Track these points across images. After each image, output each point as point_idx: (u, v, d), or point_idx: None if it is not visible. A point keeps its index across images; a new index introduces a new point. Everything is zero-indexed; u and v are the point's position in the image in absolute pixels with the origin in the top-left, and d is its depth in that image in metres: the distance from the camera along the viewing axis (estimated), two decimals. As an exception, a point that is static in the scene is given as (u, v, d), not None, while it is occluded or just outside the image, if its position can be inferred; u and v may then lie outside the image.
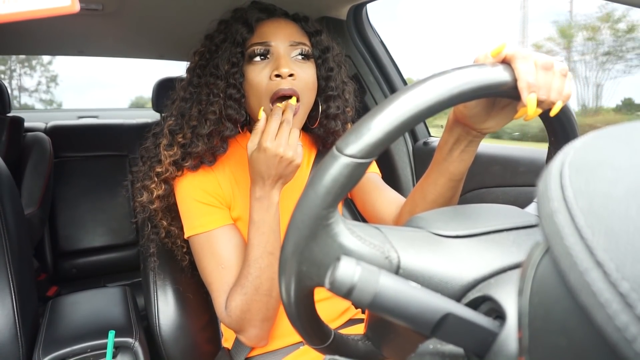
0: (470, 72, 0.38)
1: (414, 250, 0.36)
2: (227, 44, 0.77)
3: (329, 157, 0.35)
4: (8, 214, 0.88)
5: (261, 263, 0.71)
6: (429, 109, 0.36)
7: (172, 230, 0.83)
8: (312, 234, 0.35)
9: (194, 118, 0.77)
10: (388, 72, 1.36)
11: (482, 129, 0.54)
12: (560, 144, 0.49)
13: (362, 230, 0.36)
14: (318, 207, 0.34)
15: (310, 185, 0.35)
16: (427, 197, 0.63)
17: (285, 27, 0.79)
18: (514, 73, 0.42)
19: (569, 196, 0.22)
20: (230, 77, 0.76)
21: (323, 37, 0.84)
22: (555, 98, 0.45)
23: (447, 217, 0.40)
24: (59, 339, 0.83)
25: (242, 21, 0.79)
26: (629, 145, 0.25)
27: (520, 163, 1.00)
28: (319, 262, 0.35)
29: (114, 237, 2.04)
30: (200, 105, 0.77)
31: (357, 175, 0.35)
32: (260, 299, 0.72)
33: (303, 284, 0.37)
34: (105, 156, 2.13)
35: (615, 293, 0.18)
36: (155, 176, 0.78)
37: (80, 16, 1.32)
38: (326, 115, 0.85)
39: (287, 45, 0.77)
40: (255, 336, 0.76)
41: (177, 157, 0.77)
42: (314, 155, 0.93)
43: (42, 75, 10.46)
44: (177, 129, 0.78)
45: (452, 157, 0.58)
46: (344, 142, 0.35)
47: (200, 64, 0.80)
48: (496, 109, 0.52)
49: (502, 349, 0.28)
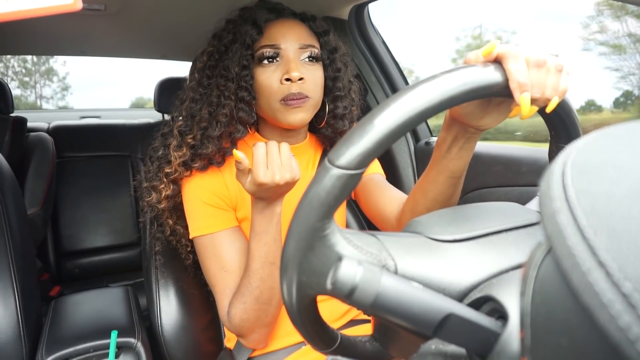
0: (460, 75, 0.38)
1: (411, 257, 0.36)
2: (237, 45, 0.77)
3: (321, 169, 0.35)
4: (11, 214, 0.88)
5: (261, 273, 0.71)
6: (419, 116, 0.36)
7: (178, 229, 0.84)
8: (309, 246, 0.35)
9: (204, 119, 0.76)
10: (390, 72, 1.36)
11: (479, 126, 0.53)
12: (560, 138, 0.49)
13: (359, 239, 0.36)
14: (313, 219, 0.34)
15: (305, 197, 0.35)
16: (428, 195, 0.63)
17: (295, 28, 0.79)
18: (505, 73, 0.42)
19: (571, 196, 0.22)
20: (241, 79, 0.76)
21: (331, 37, 0.84)
22: (550, 94, 0.44)
23: (444, 221, 0.40)
24: (62, 339, 0.83)
25: (251, 22, 0.78)
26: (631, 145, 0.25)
27: (522, 163, 1.00)
28: (318, 272, 0.35)
29: (116, 237, 2.04)
30: (210, 106, 0.77)
31: (350, 186, 0.35)
32: (260, 308, 0.73)
33: (304, 293, 0.37)
34: (107, 156, 2.13)
35: (618, 293, 0.18)
36: (164, 177, 0.78)
37: (83, 16, 1.33)
38: (334, 115, 0.85)
39: (296, 48, 0.77)
40: (254, 340, 0.78)
41: (187, 158, 0.77)
42: (320, 154, 0.93)
43: (59, 86, 13.20)
44: (187, 130, 0.77)
45: (450, 155, 0.57)
46: (335, 154, 0.35)
47: (209, 64, 0.79)
48: (492, 106, 0.52)
49: (505, 349, 0.28)
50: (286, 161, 0.65)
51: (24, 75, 11.82)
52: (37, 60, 11.80)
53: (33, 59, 11.24)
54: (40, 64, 12.38)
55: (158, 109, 2.22)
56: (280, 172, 0.64)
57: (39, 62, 12.28)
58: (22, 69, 11.54)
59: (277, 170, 0.63)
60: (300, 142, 0.89)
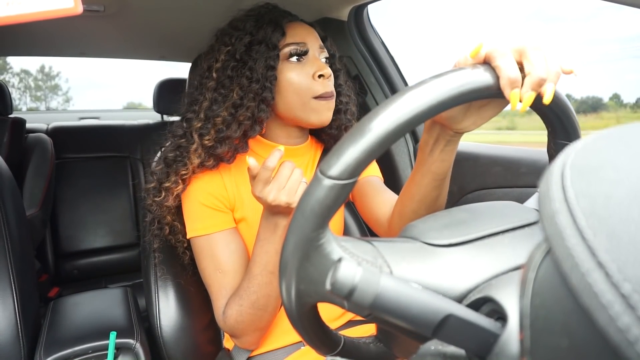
0: (449, 79, 0.37)
1: (407, 264, 0.35)
2: (261, 46, 0.77)
3: (314, 180, 0.35)
4: (10, 215, 0.88)
5: (260, 280, 0.72)
6: (409, 123, 0.35)
7: (176, 225, 0.84)
8: (305, 255, 0.35)
9: (225, 121, 0.76)
10: (389, 73, 1.36)
11: (458, 129, 0.53)
12: (557, 133, 0.49)
13: (355, 247, 0.36)
14: (308, 229, 0.34)
15: (298, 209, 0.35)
16: (414, 198, 0.63)
17: (312, 30, 0.82)
18: (495, 72, 0.41)
19: (571, 197, 0.22)
20: (266, 80, 0.76)
21: (329, 42, 0.87)
22: (555, 69, 0.42)
23: (440, 225, 0.39)
24: (61, 340, 0.83)
25: (272, 23, 0.79)
26: (631, 146, 0.25)
27: (521, 164, 1.00)
28: (315, 280, 0.35)
29: (115, 238, 2.04)
30: (233, 108, 0.76)
31: (342, 196, 0.35)
32: (255, 313, 0.73)
33: (304, 301, 0.37)
34: (106, 157, 2.13)
35: (617, 294, 0.18)
36: (179, 178, 0.78)
37: (82, 18, 1.33)
38: (337, 109, 0.86)
39: (318, 48, 0.80)
40: (247, 341, 0.79)
41: (202, 158, 0.77)
42: (319, 154, 0.94)
43: (62, 99, 17.77)
44: (206, 132, 0.77)
45: (433, 158, 0.57)
46: (326, 165, 0.35)
47: (231, 65, 0.78)
48: (473, 109, 0.52)
49: (504, 350, 0.28)
50: (291, 185, 0.65)
51: (36, 91, 16.11)
52: (45, 78, 15.45)
53: (43, 77, 15.94)
54: (50, 80, 16.52)
55: (157, 110, 2.21)
56: (278, 194, 0.64)
57: (49, 78, 16.40)
58: (35, 83, 15.69)
59: (275, 191, 0.64)
60: (303, 143, 0.89)
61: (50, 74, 18.44)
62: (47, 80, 15.95)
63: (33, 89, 15.87)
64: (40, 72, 19.27)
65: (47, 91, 16.29)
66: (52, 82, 16.04)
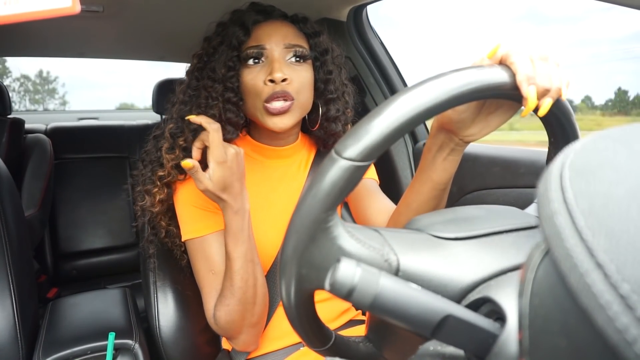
0: (468, 74, 0.38)
1: (413, 253, 0.36)
2: (224, 47, 0.77)
3: (328, 160, 0.35)
4: (8, 215, 0.88)
5: (243, 274, 0.71)
6: (428, 111, 0.36)
7: (171, 229, 0.83)
8: (312, 237, 0.35)
9: None
10: (388, 74, 1.36)
11: (464, 136, 0.54)
12: (560, 144, 0.49)
13: (362, 233, 0.36)
14: (317, 210, 0.34)
15: (310, 188, 0.35)
16: (411, 206, 0.63)
17: (281, 29, 0.78)
18: (512, 71, 0.42)
19: (569, 198, 0.22)
20: (227, 80, 0.76)
21: (322, 39, 0.83)
22: (558, 84, 0.44)
23: (445, 220, 0.40)
24: (59, 340, 0.83)
25: (239, 24, 0.78)
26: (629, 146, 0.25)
27: (520, 164, 1.00)
28: (318, 265, 0.35)
29: (114, 239, 2.04)
30: (199, 108, 0.76)
31: (356, 178, 0.35)
32: (244, 308, 0.73)
33: (303, 287, 0.37)
34: (105, 158, 2.13)
35: (616, 295, 0.18)
36: (157, 180, 0.78)
37: (81, 18, 1.32)
38: (326, 117, 0.85)
39: (281, 48, 0.77)
40: (243, 342, 0.78)
41: (179, 160, 0.76)
42: (313, 155, 0.93)
43: (59, 102, 20.25)
44: (178, 132, 0.77)
45: (435, 165, 0.57)
46: (342, 145, 0.35)
47: (198, 66, 0.79)
48: (482, 115, 0.52)
49: (503, 350, 0.28)
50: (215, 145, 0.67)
51: (34, 94, 18.16)
52: (43, 82, 17.50)
53: (41, 80, 17.75)
54: (47, 84, 18.58)
55: (156, 110, 2.21)
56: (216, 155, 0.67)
57: (46, 82, 18.51)
58: (34, 87, 17.66)
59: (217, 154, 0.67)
60: (292, 144, 0.88)
61: (48, 78, 20.47)
62: (45, 84, 17.70)
63: (32, 92, 17.56)
64: (38, 76, 21.11)
65: (45, 94, 18.10)
66: (49, 85, 17.78)
